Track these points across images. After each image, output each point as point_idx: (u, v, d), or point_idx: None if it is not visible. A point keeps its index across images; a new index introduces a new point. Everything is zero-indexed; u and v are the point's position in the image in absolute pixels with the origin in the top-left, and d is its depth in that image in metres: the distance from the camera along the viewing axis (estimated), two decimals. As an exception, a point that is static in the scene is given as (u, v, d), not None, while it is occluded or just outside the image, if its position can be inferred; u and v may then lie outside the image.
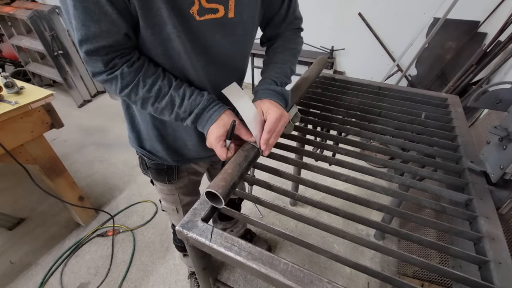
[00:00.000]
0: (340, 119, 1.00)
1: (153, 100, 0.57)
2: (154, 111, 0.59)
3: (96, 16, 0.46)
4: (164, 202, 0.98)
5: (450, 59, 2.22)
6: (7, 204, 1.81)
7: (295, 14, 0.75)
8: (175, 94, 0.58)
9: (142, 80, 0.55)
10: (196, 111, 0.59)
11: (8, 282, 1.39)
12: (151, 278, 1.41)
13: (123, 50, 0.54)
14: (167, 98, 0.57)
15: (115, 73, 0.53)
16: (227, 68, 0.68)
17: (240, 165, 0.60)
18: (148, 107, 0.58)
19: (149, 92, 0.56)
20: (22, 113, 1.15)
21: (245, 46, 0.70)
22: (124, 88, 0.55)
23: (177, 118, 0.60)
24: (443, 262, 1.08)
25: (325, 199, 1.68)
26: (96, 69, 0.53)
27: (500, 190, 0.70)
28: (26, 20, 2.42)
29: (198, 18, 0.53)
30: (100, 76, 0.54)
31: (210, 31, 0.57)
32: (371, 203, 0.65)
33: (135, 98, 0.57)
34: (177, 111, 0.59)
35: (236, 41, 0.64)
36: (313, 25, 2.65)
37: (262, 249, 0.55)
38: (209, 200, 0.56)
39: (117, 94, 0.58)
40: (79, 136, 2.56)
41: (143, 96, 0.56)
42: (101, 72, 0.54)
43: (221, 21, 0.57)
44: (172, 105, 0.58)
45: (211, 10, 0.54)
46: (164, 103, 0.57)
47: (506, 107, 0.76)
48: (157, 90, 0.56)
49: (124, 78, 0.54)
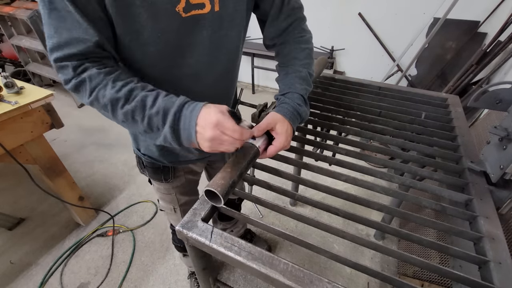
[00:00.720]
0: (340, 119, 1.00)
1: (122, 102, 0.49)
2: (125, 117, 0.50)
3: (69, 24, 0.46)
4: (161, 202, 0.98)
5: (450, 59, 2.22)
6: (7, 204, 1.81)
7: (291, 2, 0.70)
8: (147, 94, 0.50)
9: (112, 82, 0.50)
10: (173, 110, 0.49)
11: (8, 282, 1.39)
12: (151, 278, 1.41)
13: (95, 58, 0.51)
14: (138, 98, 0.49)
15: (83, 76, 0.49)
16: (216, 66, 0.66)
17: (239, 164, 0.60)
18: (118, 112, 0.50)
19: (118, 92, 0.49)
20: (22, 113, 1.15)
21: (233, 41, 0.66)
22: (92, 91, 0.49)
23: (150, 125, 0.50)
24: (443, 262, 1.08)
25: (325, 199, 1.68)
26: (67, 75, 0.50)
27: (500, 190, 0.70)
28: (26, 20, 2.42)
29: (184, 15, 0.53)
30: (70, 83, 0.50)
31: (196, 27, 0.56)
32: (371, 203, 0.65)
33: (103, 101, 0.49)
34: (149, 113, 0.49)
35: (224, 36, 0.62)
36: (313, 25, 2.63)
37: (262, 249, 0.55)
38: (209, 199, 0.56)
39: (87, 103, 0.52)
40: (79, 136, 2.56)
41: (111, 97, 0.49)
42: (71, 79, 0.50)
43: (207, 16, 0.56)
44: (143, 106, 0.49)
45: (198, 5, 0.54)
46: (134, 103, 0.49)
47: (506, 107, 0.76)
48: (128, 91, 0.49)
49: (92, 80, 0.49)
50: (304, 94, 0.69)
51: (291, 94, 0.67)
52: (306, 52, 0.73)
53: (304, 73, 0.70)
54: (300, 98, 0.68)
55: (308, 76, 0.71)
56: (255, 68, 3.14)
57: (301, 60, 0.71)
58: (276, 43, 0.75)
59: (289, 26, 0.72)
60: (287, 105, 0.66)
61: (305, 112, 0.68)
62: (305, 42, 0.74)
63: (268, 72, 3.22)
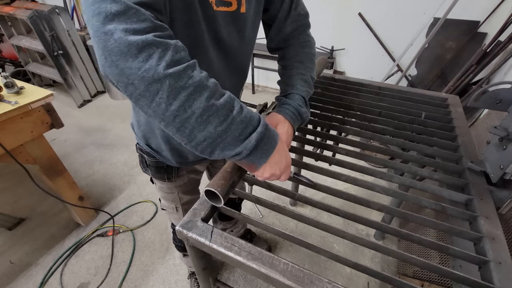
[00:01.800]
0: (340, 119, 1.00)
1: (210, 92, 0.40)
2: (202, 111, 0.40)
3: None
4: (163, 201, 0.98)
5: (450, 59, 2.22)
6: (7, 204, 1.81)
7: (298, 9, 0.72)
8: (234, 97, 0.45)
9: (198, 66, 0.41)
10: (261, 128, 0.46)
11: (8, 282, 1.39)
12: (151, 278, 1.41)
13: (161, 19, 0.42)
14: (226, 97, 0.43)
15: (167, 41, 0.38)
16: (234, 62, 0.68)
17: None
18: (196, 102, 0.39)
19: (208, 80, 0.41)
20: (22, 113, 1.15)
21: (252, 41, 0.70)
22: (174, 63, 0.38)
23: (227, 131, 0.42)
24: (443, 262, 1.08)
25: (325, 199, 1.68)
26: (142, 24, 0.37)
27: (500, 190, 0.70)
28: (26, 20, 2.42)
29: (215, 8, 0.54)
30: (142, 35, 0.36)
31: (224, 23, 0.58)
32: (371, 203, 0.65)
33: (185, 83, 0.38)
34: (234, 117, 0.42)
35: (246, 36, 0.65)
36: (313, 25, 2.64)
37: (262, 249, 0.55)
38: (209, 199, 0.56)
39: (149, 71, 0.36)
40: (79, 136, 2.56)
41: (200, 82, 0.39)
42: (147, 30, 0.37)
43: (233, 15, 0.58)
44: (230, 107, 0.42)
45: (225, 3, 0.55)
46: (222, 101, 0.42)
47: (506, 107, 0.76)
48: (215, 83, 0.42)
49: (179, 52, 0.39)
50: (305, 95, 0.70)
51: (293, 95, 0.68)
52: (309, 57, 0.75)
53: (307, 77, 0.72)
54: (301, 99, 0.68)
55: (310, 80, 0.72)
56: (255, 68, 3.14)
57: (304, 63, 0.73)
58: (280, 47, 0.77)
59: (294, 31, 0.74)
60: (289, 106, 0.66)
61: (306, 113, 0.69)
62: (309, 47, 0.75)
63: (268, 72, 3.22)
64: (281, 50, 0.77)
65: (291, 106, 0.66)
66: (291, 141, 0.66)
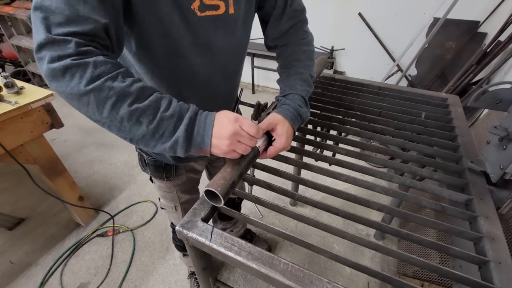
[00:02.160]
0: (340, 119, 1.00)
1: (132, 98, 0.44)
2: (129, 116, 0.44)
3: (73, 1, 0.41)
4: (163, 200, 0.98)
5: (450, 59, 2.22)
6: (7, 204, 1.81)
7: (294, 4, 0.71)
8: (162, 96, 0.47)
9: (121, 75, 0.44)
10: (189, 114, 0.48)
11: (8, 282, 1.39)
12: (151, 278, 1.41)
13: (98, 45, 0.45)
14: (152, 98, 0.45)
15: (86, 60, 0.41)
16: (228, 67, 0.68)
17: (239, 164, 0.60)
18: (121, 109, 0.43)
19: (130, 87, 0.44)
20: (22, 113, 1.15)
21: (244, 41, 0.69)
22: (94, 79, 0.42)
23: (158, 128, 0.46)
24: (443, 262, 1.08)
25: (325, 199, 1.68)
26: (64, 51, 0.41)
27: (500, 190, 0.70)
28: (26, 20, 2.42)
29: (199, 14, 0.54)
30: (63, 61, 0.41)
31: (212, 27, 0.57)
32: (371, 203, 0.65)
33: (107, 93, 0.42)
34: (162, 115, 0.46)
35: (237, 37, 0.64)
36: (313, 25, 2.64)
37: (262, 249, 0.55)
38: (208, 199, 0.56)
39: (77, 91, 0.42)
40: (79, 136, 2.56)
41: (121, 90, 0.43)
42: (69, 55, 0.41)
43: (222, 17, 0.57)
44: (156, 107, 0.46)
45: (212, 6, 0.55)
46: (147, 102, 0.45)
47: (506, 107, 0.76)
48: (140, 88, 0.45)
49: (98, 67, 0.42)
50: (305, 95, 0.69)
51: (292, 95, 0.68)
52: (307, 54, 0.74)
53: (306, 75, 0.71)
54: (301, 99, 0.68)
55: (309, 78, 0.72)
56: (255, 68, 3.14)
57: (302, 62, 0.72)
58: (278, 45, 0.76)
59: (291, 28, 0.73)
60: (288, 106, 0.66)
61: (306, 113, 0.69)
62: (307, 44, 0.74)
63: (268, 72, 3.22)
64: (279, 48, 0.76)
65: (291, 106, 0.66)
66: (291, 141, 0.66)
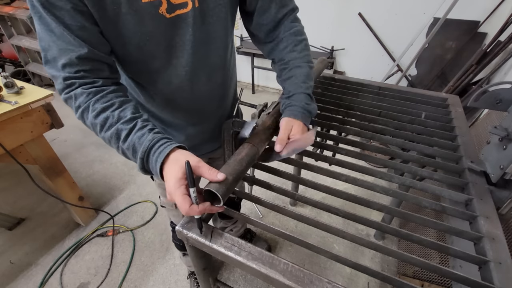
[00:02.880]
0: (340, 119, 1.00)
1: (99, 128, 0.52)
2: (104, 140, 0.54)
3: (55, 37, 0.48)
4: (163, 198, 0.98)
5: (450, 59, 2.22)
6: (7, 204, 1.81)
7: None
8: (122, 127, 0.51)
9: (92, 104, 0.51)
10: (142, 149, 0.50)
11: (8, 282, 1.39)
12: (151, 278, 1.41)
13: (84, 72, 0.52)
14: (113, 130, 0.51)
15: (70, 93, 0.52)
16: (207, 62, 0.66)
17: (240, 164, 0.60)
18: (98, 134, 0.54)
19: (96, 118, 0.51)
20: (22, 113, 1.15)
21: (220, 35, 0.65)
22: (77, 109, 0.52)
23: (126, 155, 0.53)
24: (443, 262, 1.08)
25: (325, 199, 1.68)
26: (58, 86, 0.52)
27: (500, 190, 0.70)
28: (26, 20, 2.42)
29: (168, 15, 0.54)
30: (61, 95, 0.53)
31: (182, 25, 0.57)
32: (371, 203, 0.65)
33: (86, 122, 0.53)
34: (121, 146, 0.51)
35: (210, 31, 0.62)
36: (313, 25, 2.65)
37: (262, 249, 0.55)
38: (208, 199, 0.56)
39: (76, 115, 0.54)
40: (79, 136, 2.56)
41: (91, 121, 0.52)
42: (62, 90, 0.52)
43: (190, 13, 0.57)
44: (117, 138, 0.51)
45: (181, 5, 0.55)
46: (109, 133, 0.51)
47: (506, 107, 0.76)
48: (104, 118, 0.51)
49: (78, 99, 0.51)
50: (310, 92, 0.70)
51: (297, 96, 0.69)
52: (303, 44, 0.72)
53: (306, 70, 0.70)
54: (307, 97, 0.69)
55: (310, 71, 0.71)
56: (255, 68, 3.14)
57: (300, 53, 0.71)
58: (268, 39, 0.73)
59: (284, 17, 0.70)
60: (296, 107, 0.68)
61: (314, 108, 0.71)
62: (300, 34, 0.72)
63: (268, 72, 3.22)
64: (271, 42, 0.73)
65: (298, 107, 0.68)
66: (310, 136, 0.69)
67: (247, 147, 0.65)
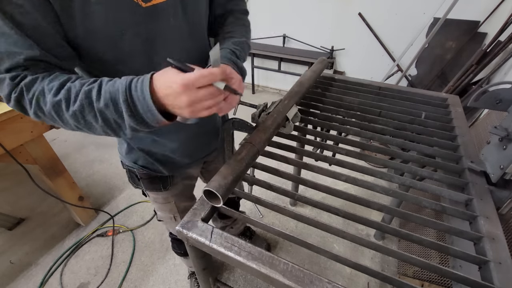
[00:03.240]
0: (340, 119, 1.00)
1: (64, 105, 0.43)
2: (75, 121, 0.44)
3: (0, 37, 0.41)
4: (160, 212, 0.96)
5: (450, 59, 2.22)
6: (7, 204, 1.81)
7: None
8: (90, 88, 0.43)
9: (47, 85, 0.43)
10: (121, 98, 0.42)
11: (8, 282, 1.39)
12: (151, 278, 1.41)
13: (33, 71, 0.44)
14: (80, 96, 0.42)
15: (19, 86, 0.43)
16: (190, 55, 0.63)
17: (240, 163, 0.60)
18: (65, 117, 0.44)
19: (56, 95, 0.42)
20: (22, 113, 1.15)
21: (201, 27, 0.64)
22: (31, 102, 0.43)
23: (106, 120, 0.44)
24: (443, 262, 1.08)
25: (325, 199, 1.68)
26: (5, 90, 0.43)
27: (500, 190, 0.70)
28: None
29: (144, 4, 0.49)
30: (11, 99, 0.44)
31: (160, 16, 0.52)
32: (371, 203, 0.65)
33: (46, 110, 0.43)
34: (98, 107, 0.42)
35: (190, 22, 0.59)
36: (313, 25, 2.66)
37: (262, 249, 0.55)
38: (208, 199, 0.56)
39: (33, 117, 0.46)
40: (79, 136, 2.56)
41: (51, 103, 0.42)
42: (10, 93, 0.43)
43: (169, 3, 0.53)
44: (89, 102, 0.42)
45: None
46: (78, 102, 0.42)
47: (506, 107, 0.76)
48: (66, 90, 0.43)
49: (29, 88, 0.43)
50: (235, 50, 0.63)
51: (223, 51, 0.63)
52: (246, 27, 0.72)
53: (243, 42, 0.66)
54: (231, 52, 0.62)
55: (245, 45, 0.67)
56: (255, 68, 3.14)
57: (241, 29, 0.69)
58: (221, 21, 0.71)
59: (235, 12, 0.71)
60: None
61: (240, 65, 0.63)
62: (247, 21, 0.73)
63: (268, 72, 3.22)
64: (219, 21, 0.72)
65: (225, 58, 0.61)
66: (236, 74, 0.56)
67: (247, 147, 0.65)
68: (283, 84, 3.27)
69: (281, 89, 3.33)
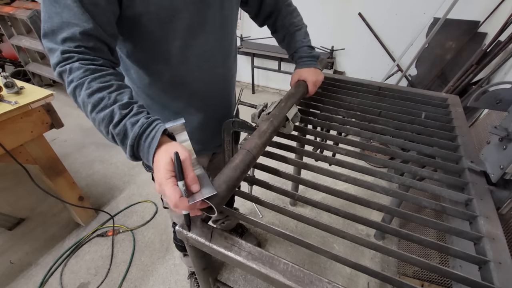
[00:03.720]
0: (340, 119, 1.00)
1: (90, 108, 0.47)
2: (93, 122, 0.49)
3: (59, 9, 0.47)
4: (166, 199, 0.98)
5: (450, 59, 2.22)
6: (7, 204, 1.81)
7: None
8: (117, 111, 0.47)
9: (88, 82, 0.47)
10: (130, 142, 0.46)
11: (8, 282, 1.39)
12: (151, 278, 1.41)
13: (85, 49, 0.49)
14: (107, 112, 0.47)
15: (65, 66, 0.48)
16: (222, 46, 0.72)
17: (234, 170, 0.58)
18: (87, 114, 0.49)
19: (89, 97, 0.47)
20: (22, 113, 1.15)
21: (233, 21, 0.74)
22: (69, 83, 0.48)
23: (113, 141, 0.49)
24: (443, 262, 1.08)
25: (325, 199, 1.68)
26: (54, 59, 0.49)
27: (500, 190, 0.70)
28: (26, 20, 2.42)
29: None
30: (55, 69, 0.49)
31: (204, 5, 0.61)
32: (371, 203, 0.65)
33: (78, 99, 0.49)
34: (111, 130, 0.47)
35: (227, 15, 0.68)
36: (313, 25, 2.65)
37: (262, 250, 0.55)
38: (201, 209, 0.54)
39: (68, 93, 0.50)
40: (79, 136, 2.56)
41: (83, 99, 0.48)
42: (57, 64, 0.49)
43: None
44: (109, 121, 0.47)
45: None
46: (102, 115, 0.47)
47: (506, 107, 0.76)
48: (99, 98, 0.47)
49: (72, 73, 0.48)
50: (309, 43, 0.91)
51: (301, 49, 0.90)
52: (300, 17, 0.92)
53: (304, 29, 0.90)
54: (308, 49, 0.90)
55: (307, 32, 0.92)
56: (255, 68, 3.14)
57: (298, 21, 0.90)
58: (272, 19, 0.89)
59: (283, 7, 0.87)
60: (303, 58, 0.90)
61: (317, 53, 0.93)
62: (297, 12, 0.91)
63: (268, 72, 3.22)
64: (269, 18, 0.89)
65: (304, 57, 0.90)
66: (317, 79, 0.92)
67: (241, 153, 0.62)
68: (283, 84, 3.27)
69: (281, 89, 3.33)
